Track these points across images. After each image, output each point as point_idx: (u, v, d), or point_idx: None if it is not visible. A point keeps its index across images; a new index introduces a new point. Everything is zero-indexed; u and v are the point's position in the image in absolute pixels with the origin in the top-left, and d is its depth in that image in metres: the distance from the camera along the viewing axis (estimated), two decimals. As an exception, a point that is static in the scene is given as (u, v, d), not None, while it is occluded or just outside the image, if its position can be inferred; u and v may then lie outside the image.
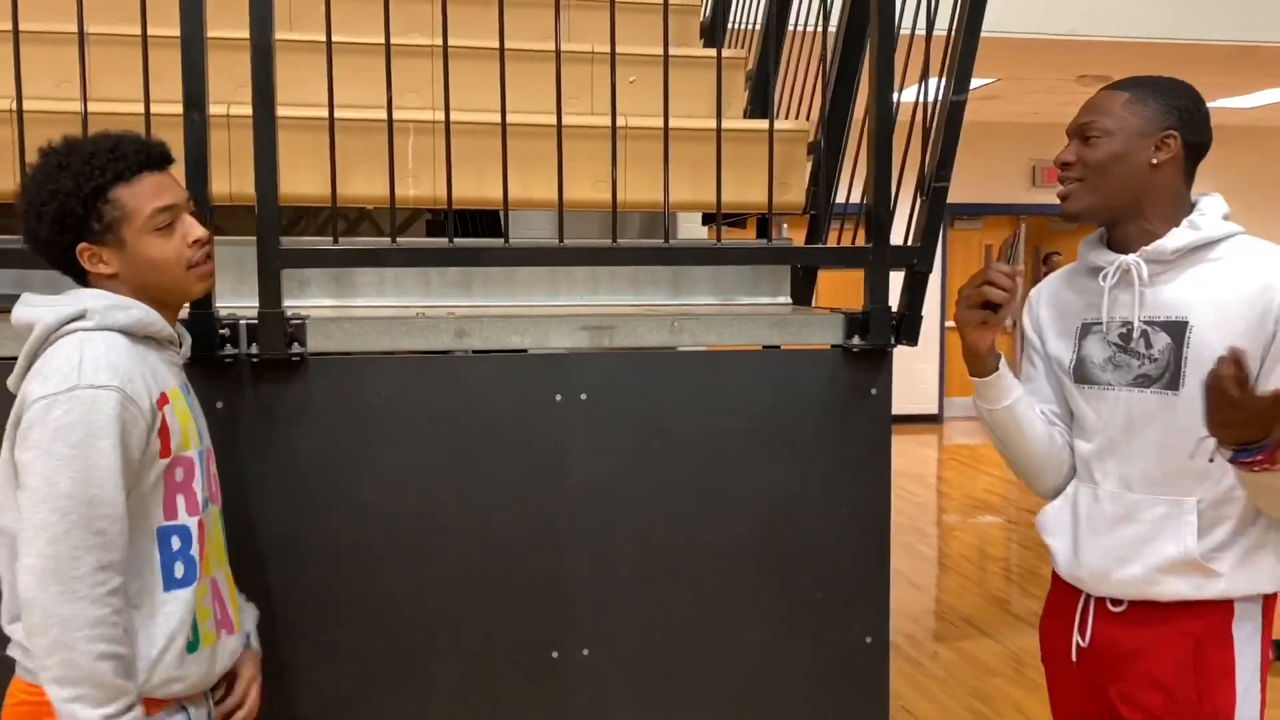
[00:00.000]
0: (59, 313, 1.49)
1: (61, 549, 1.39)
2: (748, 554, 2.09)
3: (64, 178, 1.47)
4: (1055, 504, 1.87)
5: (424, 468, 1.97)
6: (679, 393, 2.05)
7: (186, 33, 1.79)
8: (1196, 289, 1.67)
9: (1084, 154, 1.71)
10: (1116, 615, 1.76)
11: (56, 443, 1.40)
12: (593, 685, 2.04)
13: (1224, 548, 1.67)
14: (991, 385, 1.81)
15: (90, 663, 1.39)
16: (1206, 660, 1.68)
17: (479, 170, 2.18)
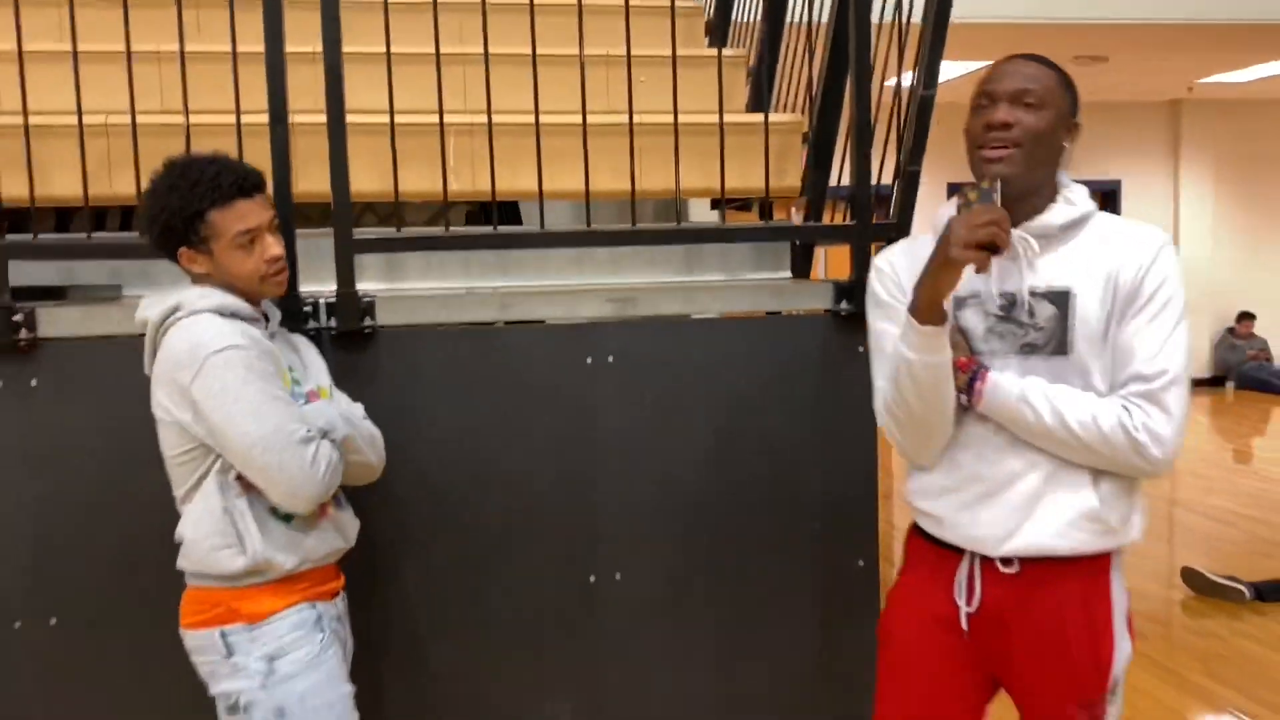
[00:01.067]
0: (161, 310, 1.83)
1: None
2: (754, 492, 2.39)
3: (173, 198, 1.79)
4: (938, 474, 1.78)
5: (475, 421, 2.29)
6: (693, 354, 2.36)
7: (271, 57, 2.12)
8: (1073, 260, 1.69)
9: (1024, 119, 1.65)
10: (1008, 576, 1.72)
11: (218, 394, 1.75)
12: (624, 604, 2.36)
13: (1112, 500, 1.70)
14: (940, 335, 1.66)
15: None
16: (1094, 613, 1.71)
17: (512, 166, 2.46)
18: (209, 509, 1.81)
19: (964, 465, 1.75)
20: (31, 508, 2.18)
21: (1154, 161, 11.10)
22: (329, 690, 1.87)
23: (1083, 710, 1.71)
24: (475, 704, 2.33)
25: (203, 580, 1.84)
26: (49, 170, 2.26)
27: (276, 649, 1.82)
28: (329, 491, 1.84)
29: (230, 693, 1.83)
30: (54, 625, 2.21)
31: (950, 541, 1.78)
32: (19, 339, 2.13)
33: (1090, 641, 1.71)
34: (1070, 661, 1.71)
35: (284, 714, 1.81)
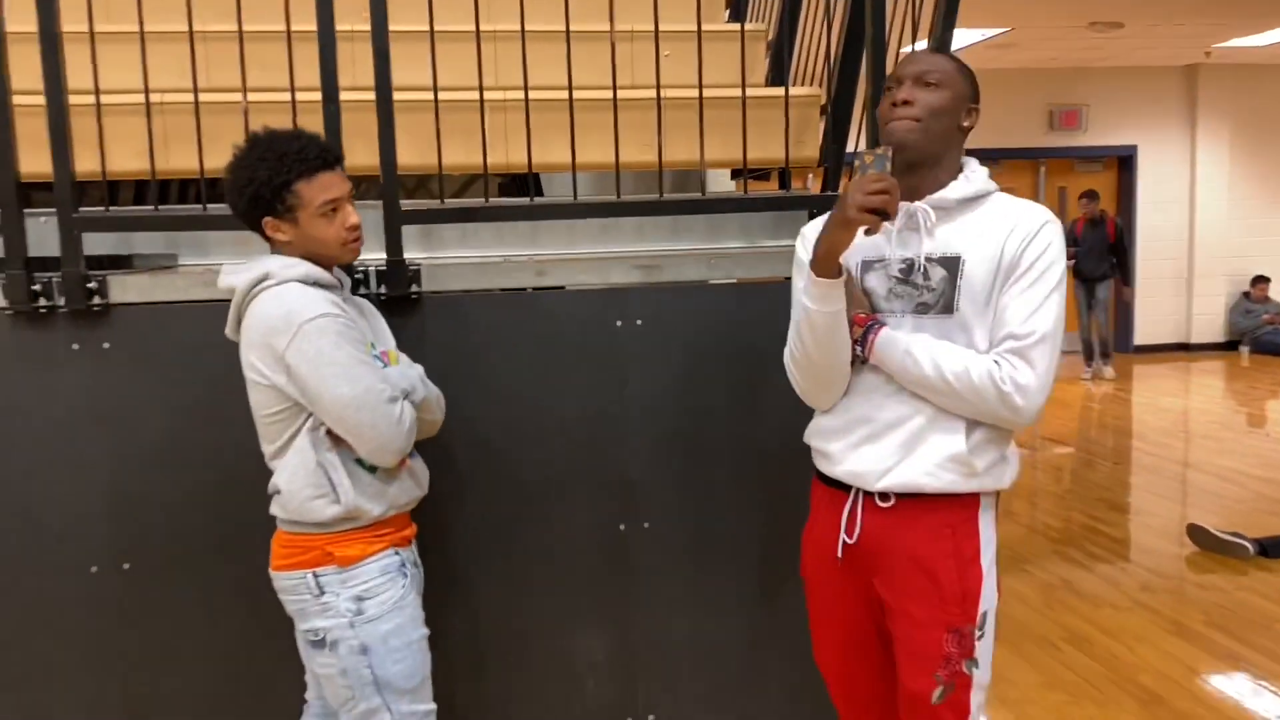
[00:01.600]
0: (249, 278, 1.94)
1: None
2: (773, 446, 2.53)
3: (261, 169, 1.90)
4: (833, 415, 1.96)
5: (512, 380, 2.45)
6: (716, 316, 2.50)
7: (323, 39, 2.27)
8: (966, 231, 1.85)
9: (923, 97, 1.83)
10: (884, 510, 1.89)
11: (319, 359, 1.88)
12: (652, 551, 2.53)
13: (981, 447, 1.86)
14: (836, 287, 1.83)
15: None
16: (961, 547, 1.87)
17: (541, 140, 2.60)
18: (304, 463, 1.94)
19: (854, 409, 1.93)
20: (105, 461, 2.36)
21: (1170, 126, 11.10)
22: (410, 631, 2.02)
23: (951, 636, 1.86)
24: (517, 639, 2.51)
25: (297, 527, 1.99)
26: (110, 146, 2.41)
27: (364, 590, 1.97)
28: (410, 446, 2.00)
29: (318, 629, 1.97)
30: (127, 569, 2.39)
31: (837, 477, 1.95)
32: (93, 304, 2.30)
33: (957, 572, 1.86)
34: (939, 589, 1.86)
35: (368, 651, 1.96)
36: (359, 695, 1.98)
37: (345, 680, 1.98)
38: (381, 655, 1.97)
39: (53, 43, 2.24)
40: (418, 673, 2.04)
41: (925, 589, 1.87)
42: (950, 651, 1.87)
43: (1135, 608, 4.07)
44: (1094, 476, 6.22)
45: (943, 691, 1.87)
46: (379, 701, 1.99)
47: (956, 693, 1.87)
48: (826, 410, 1.98)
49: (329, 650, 1.97)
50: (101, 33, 2.34)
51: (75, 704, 2.41)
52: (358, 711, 2.00)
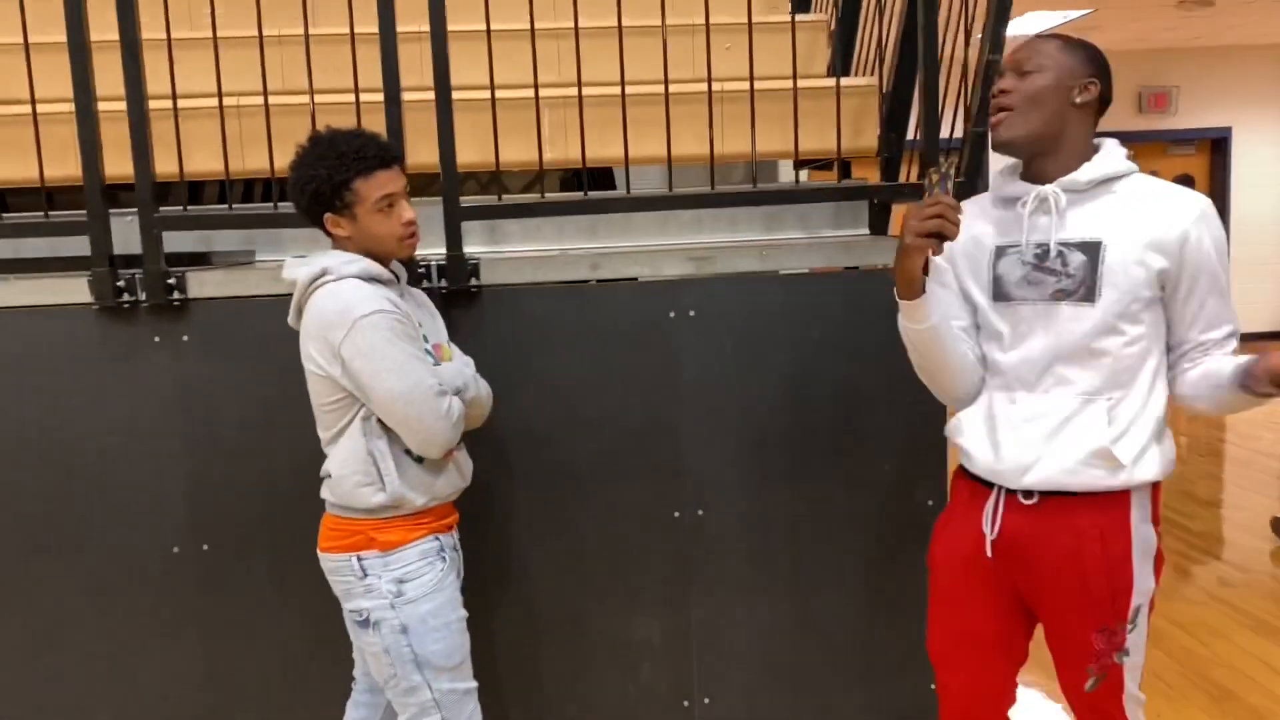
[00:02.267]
0: (310, 272, 2.02)
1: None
2: (827, 436, 2.56)
3: (321, 167, 1.98)
4: (971, 410, 1.97)
5: (569, 370, 2.51)
6: (768, 307, 2.53)
7: (385, 44, 2.36)
8: (1107, 215, 1.83)
9: (1019, 85, 1.83)
10: (1027, 507, 1.88)
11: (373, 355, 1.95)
12: (706, 538, 2.57)
13: (1126, 439, 1.82)
14: (920, 306, 1.88)
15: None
16: (1110, 549, 1.84)
17: (601, 135, 2.63)
18: (354, 450, 2.03)
19: (990, 405, 1.94)
20: (185, 447, 2.49)
21: (1268, 108, 10.69)
22: (448, 612, 2.11)
23: (1101, 635, 1.86)
24: (573, 625, 2.58)
25: (344, 511, 2.08)
26: (188, 148, 2.54)
27: (404, 574, 2.05)
28: (456, 440, 2.07)
29: (362, 609, 2.07)
30: (206, 550, 2.52)
31: (977, 474, 1.95)
32: (173, 299, 2.43)
33: (1105, 573, 1.84)
34: (1087, 591, 1.85)
35: (407, 631, 2.06)
36: (400, 673, 2.07)
37: (388, 658, 2.07)
38: (421, 635, 2.06)
39: (133, 50, 2.36)
40: (457, 652, 2.12)
41: (1073, 591, 1.86)
42: (1100, 648, 1.88)
43: (1211, 602, 3.98)
44: (1179, 469, 6.04)
45: (1095, 681, 1.90)
46: (419, 679, 2.07)
47: (1109, 680, 1.90)
48: (959, 408, 2.02)
49: (372, 630, 2.07)
50: (179, 39, 2.46)
51: (158, 674, 2.55)
52: (400, 688, 2.09)
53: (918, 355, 1.97)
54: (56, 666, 2.54)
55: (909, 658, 2.64)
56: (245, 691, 2.57)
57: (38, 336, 2.45)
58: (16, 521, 2.50)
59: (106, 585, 2.52)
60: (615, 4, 2.50)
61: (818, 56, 3.17)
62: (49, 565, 2.51)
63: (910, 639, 2.63)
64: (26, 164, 2.55)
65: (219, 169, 2.53)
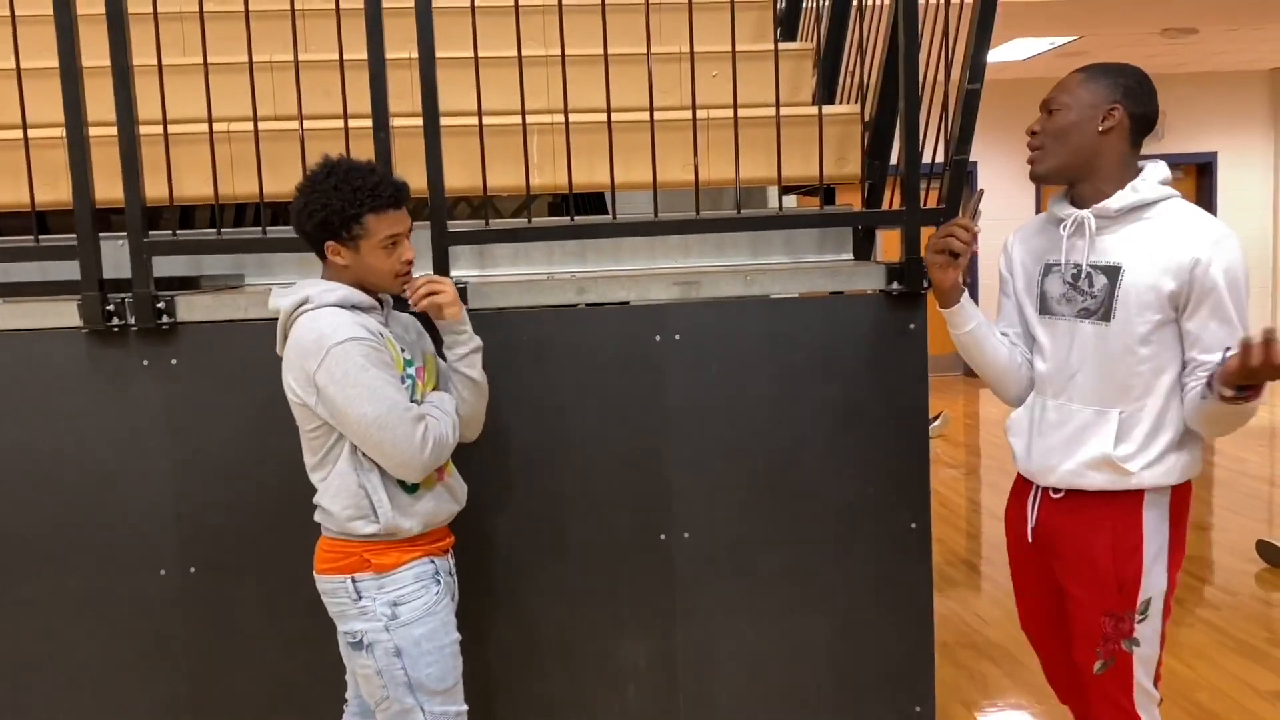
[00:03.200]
0: (292, 301, 2.06)
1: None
2: (812, 458, 2.58)
3: (336, 198, 2.00)
4: (1018, 412, 2.20)
5: (556, 394, 2.53)
6: (754, 332, 2.55)
7: (373, 69, 2.38)
8: (1131, 241, 1.97)
9: (1046, 124, 2.02)
10: (1056, 501, 2.12)
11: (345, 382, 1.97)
12: (692, 561, 2.58)
13: (1136, 451, 2.00)
14: (956, 314, 2.17)
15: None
16: (1120, 540, 2.02)
17: (590, 160, 2.66)
18: (344, 484, 2.05)
19: (1032, 409, 2.16)
20: (173, 470, 2.50)
21: (1253, 133, 10.81)
22: (442, 635, 2.12)
23: (1109, 619, 2.02)
24: (559, 647, 2.59)
25: (339, 535, 2.10)
26: (178, 173, 2.56)
27: (399, 596, 2.07)
28: (436, 464, 2.06)
29: (356, 631, 2.08)
30: (193, 573, 2.53)
31: (1020, 472, 2.21)
32: (162, 323, 2.44)
33: (1114, 561, 2.03)
34: (1097, 575, 2.04)
35: (401, 654, 2.06)
36: (393, 695, 2.08)
37: (380, 680, 2.07)
38: (415, 658, 2.06)
39: (124, 76, 2.39)
40: (449, 675, 2.12)
41: (1086, 574, 2.06)
42: (1108, 632, 2.04)
43: (1197, 623, 4.00)
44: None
45: (1103, 664, 2.06)
46: (412, 702, 2.08)
47: (1117, 666, 2.05)
48: (1012, 406, 2.24)
49: (366, 652, 2.07)
50: (169, 65, 2.49)
51: (144, 697, 2.55)
52: (392, 711, 2.09)
53: (965, 357, 2.25)
54: (43, 688, 2.54)
55: (893, 679, 2.65)
56: (232, 714, 2.57)
57: (27, 359, 2.46)
58: (3, 543, 2.50)
59: (93, 607, 2.52)
60: (602, 32, 2.53)
61: (802, 84, 3.21)
62: (36, 587, 2.51)
63: (897, 661, 2.64)
64: (17, 188, 2.57)
65: (209, 194, 2.55)
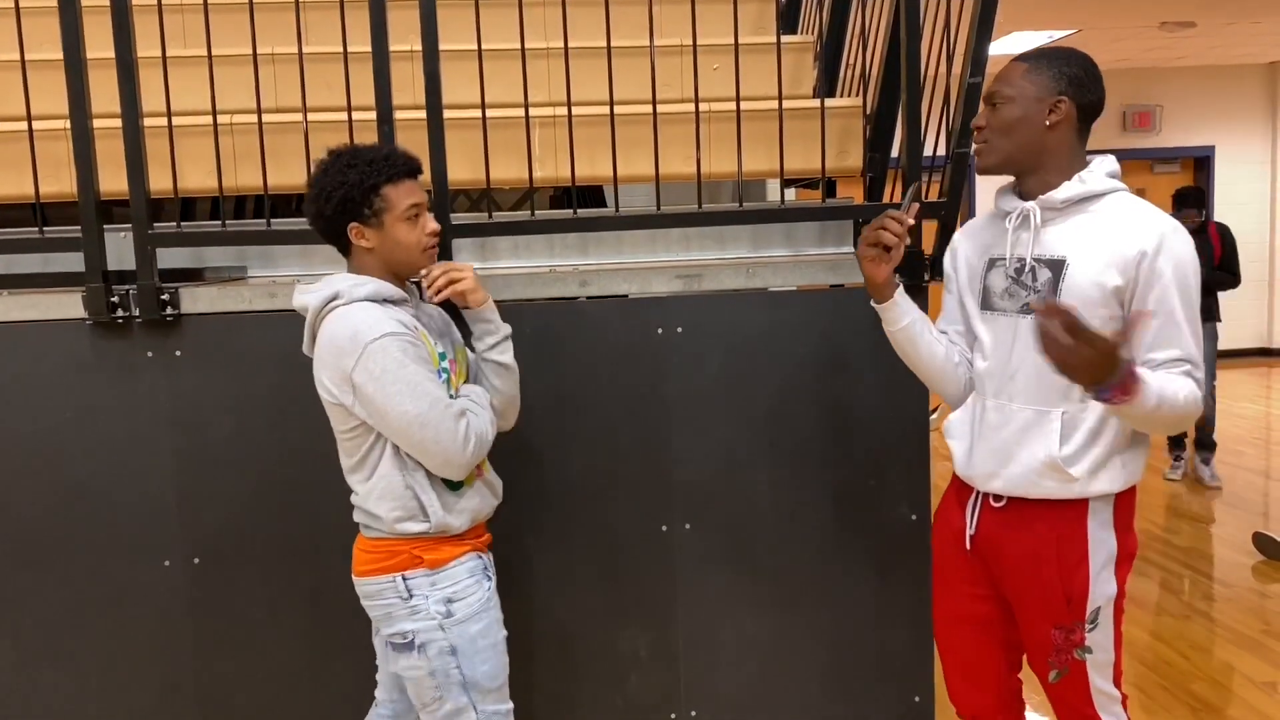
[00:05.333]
0: (320, 297, 1.99)
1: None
2: (813, 450, 2.59)
3: (352, 173, 1.96)
4: (958, 413, 2.10)
5: (559, 386, 2.54)
6: (754, 324, 2.56)
7: (377, 63, 2.39)
8: (1076, 233, 1.89)
9: (991, 118, 1.93)
10: (997, 510, 2.00)
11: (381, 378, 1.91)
12: (693, 551, 2.60)
13: (1080, 454, 1.89)
14: (889, 309, 2.07)
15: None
16: (1065, 552, 1.93)
17: (591, 153, 2.66)
18: (390, 487, 1.99)
19: (972, 411, 2.06)
20: (177, 461, 2.51)
21: (1250, 126, 10.82)
22: (495, 632, 2.08)
23: (1059, 631, 1.96)
24: (561, 636, 2.61)
25: (385, 535, 2.02)
26: (181, 164, 2.56)
27: (454, 593, 2.01)
28: (477, 460, 2.01)
29: (406, 632, 2.00)
30: (197, 564, 2.54)
31: (959, 475, 2.09)
32: (166, 315, 2.45)
33: (1061, 577, 1.94)
34: (1044, 590, 1.95)
35: (456, 652, 2.00)
36: (446, 696, 2.02)
37: (433, 681, 2.01)
38: (470, 656, 2.02)
39: (128, 69, 2.39)
40: (501, 673, 2.09)
41: (1032, 587, 1.97)
42: (1059, 643, 1.97)
43: (1194, 616, 4.02)
44: (1163, 485, 6.10)
45: (1058, 674, 1.99)
46: (465, 701, 2.03)
47: (1072, 675, 1.97)
48: (953, 407, 2.15)
49: (418, 653, 2.01)
50: (174, 57, 2.49)
51: (148, 687, 2.57)
52: (443, 712, 2.03)
53: (901, 355, 2.15)
54: (47, 680, 2.55)
55: (895, 669, 2.67)
56: (236, 705, 2.59)
57: (31, 351, 2.47)
58: (7, 535, 2.51)
59: (97, 598, 2.53)
60: (605, 25, 2.54)
61: (804, 77, 3.22)
62: (40, 578, 2.52)
63: (896, 651, 2.66)
64: (21, 180, 2.58)
65: (212, 185, 2.55)
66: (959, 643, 2.15)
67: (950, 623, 2.15)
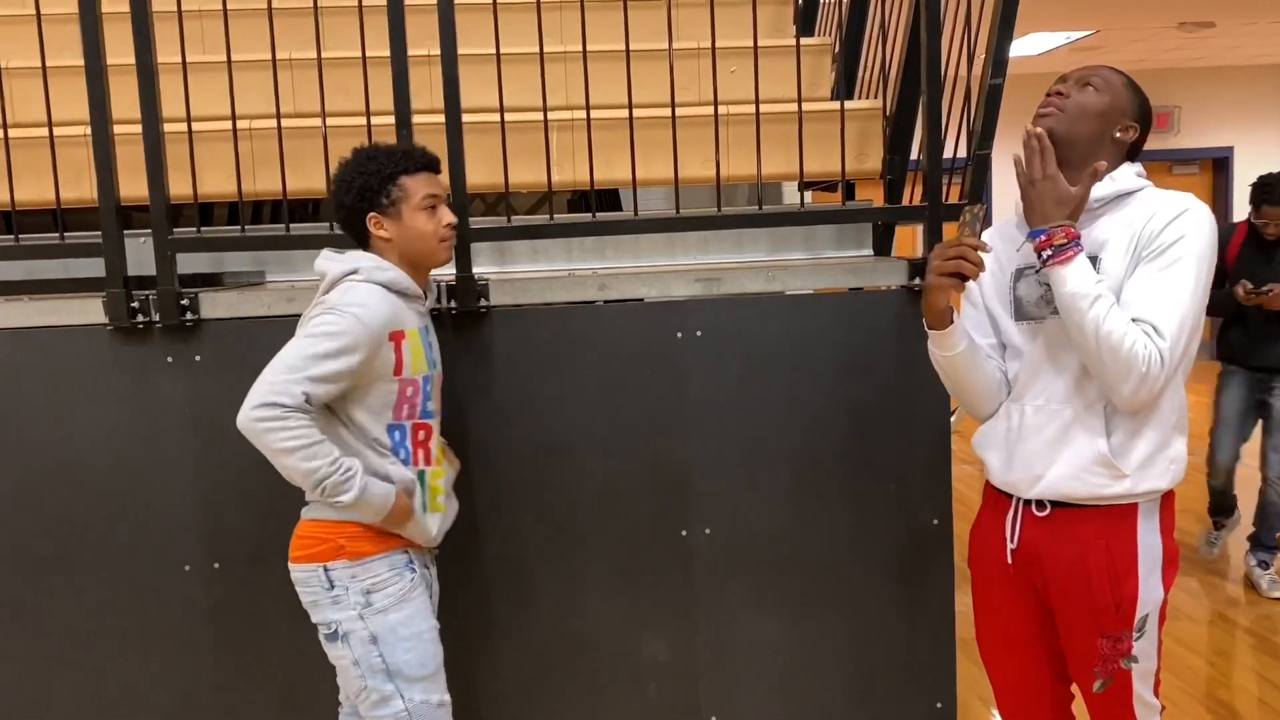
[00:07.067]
0: (341, 268, 2.08)
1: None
2: (834, 454, 2.58)
3: (371, 164, 2.08)
4: (988, 424, 2.05)
5: (578, 390, 2.53)
6: (774, 327, 2.55)
7: (396, 67, 2.39)
8: (1106, 231, 1.88)
9: (1078, 95, 1.90)
10: (1041, 519, 1.96)
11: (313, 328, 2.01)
12: (713, 556, 2.59)
13: (1127, 447, 1.87)
14: (948, 336, 1.98)
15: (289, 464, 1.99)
16: (1115, 557, 1.90)
17: (609, 157, 2.65)
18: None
19: (1008, 418, 2.01)
20: (197, 466, 2.51)
21: (1270, 127, 10.74)
22: (419, 621, 2.11)
23: (1107, 641, 1.92)
24: (581, 643, 2.59)
25: (319, 513, 2.09)
26: (201, 170, 2.56)
27: (373, 584, 2.07)
28: (258, 441, 2.00)
29: (330, 621, 2.08)
30: (217, 568, 2.54)
31: (997, 486, 2.04)
32: (186, 320, 2.46)
33: (1110, 583, 1.90)
34: (1092, 599, 1.91)
35: (377, 641, 2.07)
36: (372, 684, 2.08)
37: (358, 670, 2.08)
38: (391, 644, 2.07)
39: (149, 75, 2.40)
40: (429, 662, 2.12)
41: (1080, 597, 1.93)
42: (1106, 653, 1.93)
43: (1218, 621, 3.98)
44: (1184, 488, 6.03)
45: (1103, 684, 1.95)
46: (391, 688, 2.08)
47: (1116, 684, 1.94)
48: (981, 421, 2.09)
49: (342, 642, 2.08)
50: (193, 63, 2.50)
51: (169, 692, 2.57)
52: (371, 700, 2.09)
53: (946, 379, 2.07)
54: (68, 684, 2.56)
55: (916, 676, 2.65)
56: (256, 709, 2.59)
57: (53, 356, 2.47)
58: (29, 539, 2.52)
59: (118, 602, 2.54)
60: (623, 28, 2.53)
61: (822, 80, 3.20)
62: (61, 582, 2.53)
63: (918, 657, 2.64)
64: (42, 186, 2.59)
65: (231, 190, 2.56)
66: (1009, 663, 2.10)
67: (998, 644, 2.10)
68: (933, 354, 2.04)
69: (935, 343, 2.01)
